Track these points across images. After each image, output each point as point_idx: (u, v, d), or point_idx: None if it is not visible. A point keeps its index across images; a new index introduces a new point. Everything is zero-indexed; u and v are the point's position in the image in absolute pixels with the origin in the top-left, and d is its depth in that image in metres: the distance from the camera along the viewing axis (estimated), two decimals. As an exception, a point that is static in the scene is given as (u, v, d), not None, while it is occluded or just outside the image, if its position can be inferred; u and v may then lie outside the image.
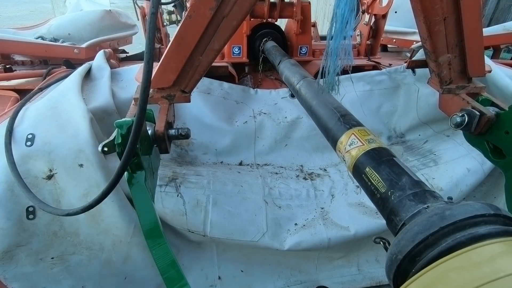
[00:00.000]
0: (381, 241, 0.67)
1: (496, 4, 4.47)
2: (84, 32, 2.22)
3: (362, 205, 1.49)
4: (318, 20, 5.68)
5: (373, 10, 2.10)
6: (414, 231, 0.50)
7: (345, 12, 0.75)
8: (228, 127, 1.67)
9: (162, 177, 1.37)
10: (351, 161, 0.79)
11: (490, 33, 2.16)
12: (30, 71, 1.89)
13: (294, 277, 1.47)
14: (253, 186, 1.50)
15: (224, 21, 0.89)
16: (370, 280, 1.51)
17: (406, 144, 1.82)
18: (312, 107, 1.08)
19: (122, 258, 1.22)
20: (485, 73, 1.12)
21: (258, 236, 1.33)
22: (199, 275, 1.40)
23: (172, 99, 1.05)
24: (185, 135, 0.95)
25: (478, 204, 0.50)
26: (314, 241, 1.37)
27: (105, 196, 0.68)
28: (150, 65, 0.67)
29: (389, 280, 0.54)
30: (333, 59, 0.86)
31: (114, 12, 2.35)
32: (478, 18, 1.00)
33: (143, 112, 0.63)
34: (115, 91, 1.47)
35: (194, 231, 1.30)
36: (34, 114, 1.19)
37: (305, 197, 1.54)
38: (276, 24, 2.02)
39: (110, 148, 0.77)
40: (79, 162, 1.12)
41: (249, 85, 1.87)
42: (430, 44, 1.04)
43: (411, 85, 1.80)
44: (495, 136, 1.00)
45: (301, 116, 1.72)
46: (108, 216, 1.17)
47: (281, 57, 1.59)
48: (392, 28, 2.61)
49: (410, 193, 0.62)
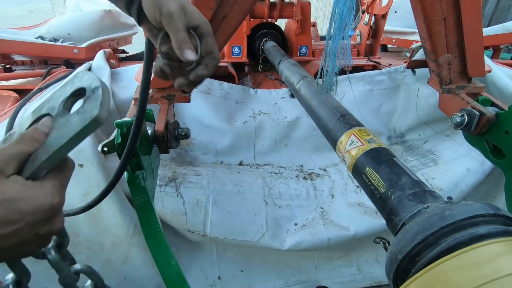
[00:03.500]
0: (381, 241, 0.67)
1: (496, 4, 4.47)
2: (84, 32, 2.22)
3: (362, 205, 1.49)
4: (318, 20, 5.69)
5: (373, 10, 2.10)
6: (414, 231, 0.50)
7: (344, 12, 0.75)
8: (228, 127, 1.67)
9: (162, 177, 1.36)
10: (351, 161, 0.79)
11: (490, 33, 2.16)
12: (30, 71, 1.89)
13: (294, 277, 1.47)
14: (253, 186, 1.50)
15: (224, 21, 0.89)
16: (370, 280, 1.51)
17: (406, 144, 1.82)
18: (312, 107, 1.08)
19: (122, 258, 1.22)
20: (485, 73, 1.12)
21: (258, 236, 1.33)
22: (199, 275, 1.40)
23: (172, 99, 1.05)
24: (185, 135, 0.95)
25: (478, 204, 0.50)
26: (314, 241, 1.37)
27: (104, 196, 0.68)
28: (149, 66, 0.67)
29: (389, 280, 0.54)
30: (331, 59, 0.86)
31: (114, 12, 2.34)
32: (478, 18, 1.00)
33: (143, 112, 0.62)
34: (115, 91, 1.47)
35: (194, 231, 1.30)
36: (34, 114, 1.19)
37: (305, 197, 1.54)
38: (276, 24, 2.03)
39: (110, 148, 0.77)
40: (79, 162, 1.12)
41: (249, 85, 1.87)
42: (430, 44, 1.04)
43: (411, 85, 1.80)
44: (495, 136, 1.00)
45: (301, 116, 1.72)
46: (108, 216, 1.17)
47: (281, 57, 1.59)
48: (392, 28, 2.61)
49: (410, 193, 0.62)
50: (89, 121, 0.37)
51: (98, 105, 0.37)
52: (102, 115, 0.37)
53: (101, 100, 0.37)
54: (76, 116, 0.38)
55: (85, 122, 0.37)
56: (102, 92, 0.38)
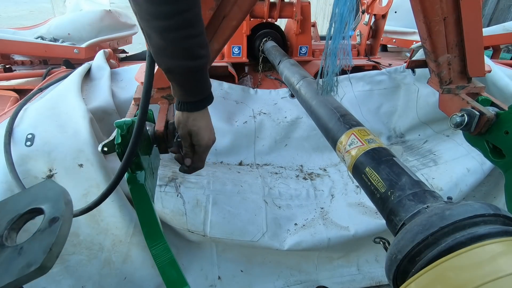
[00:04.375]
0: (381, 241, 0.67)
1: (496, 4, 4.47)
2: (84, 32, 2.22)
3: (361, 205, 1.49)
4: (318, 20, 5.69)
5: (373, 10, 2.10)
6: (413, 231, 0.50)
7: (344, 12, 0.75)
8: (228, 127, 1.67)
9: (162, 177, 1.36)
10: (351, 161, 0.79)
11: (490, 33, 2.16)
12: (30, 71, 1.89)
13: (293, 277, 1.47)
14: (253, 186, 1.50)
15: (223, 21, 0.89)
16: (370, 280, 1.51)
17: (406, 144, 1.82)
18: (312, 107, 1.08)
19: (122, 258, 1.22)
20: (485, 73, 1.12)
21: (258, 236, 1.33)
22: (199, 275, 1.40)
23: (172, 99, 1.05)
24: None
25: (478, 204, 0.50)
26: (314, 241, 1.37)
27: (104, 198, 0.68)
28: (152, 68, 0.68)
29: (389, 280, 0.54)
30: (332, 59, 0.86)
31: (114, 12, 2.34)
32: (478, 18, 1.00)
33: (145, 114, 0.63)
34: (114, 91, 1.47)
35: (194, 231, 1.30)
36: (34, 114, 1.19)
37: (305, 197, 1.54)
38: (276, 24, 2.03)
39: (110, 148, 0.77)
40: (79, 162, 1.12)
41: (249, 85, 1.86)
42: (430, 44, 1.04)
43: (411, 85, 1.80)
44: (495, 136, 1.00)
45: (301, 116, 1.72)
46: (108, 216, 1.17)
47: (281, 57, 1.59)
48: (392, 28, 2.61)
49: (409, 193, 0.62)
50: (27, 272, 0.28)
51: (47, 251, 0.28)
52: (48, 264, 0.29)
53: (52, 242, 0.29)
54: (17, 254, 0.29)
55: (22, 272, 0.28)
56: (59, 229, 0.29)
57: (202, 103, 0.76)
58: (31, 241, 0.30)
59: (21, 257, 0.29)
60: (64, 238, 0.31)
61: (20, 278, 0.29)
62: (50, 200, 0.31)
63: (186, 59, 0.64)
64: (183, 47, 0.62)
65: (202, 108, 0.76)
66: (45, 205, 0.31)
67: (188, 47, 0.63)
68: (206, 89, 0.75)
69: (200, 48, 0.65)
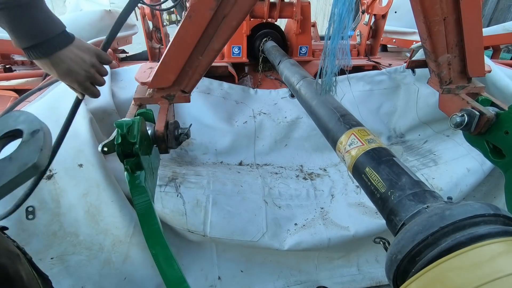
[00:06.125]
0: (381, 241, 0.67)
1: (496, 4, 4.47)
2: (84, 32, 2.22)
3: (362, 205, 1.49)
4: (318, 20, 5.68)
5: (372, 10, 2.10)
6: (414, 231, 0.50)
7: (343, 12, 0.75)
8: (228, 127, 1.67)
9: (162, 177, 1.36)
10: (351, 161, 0.79)
11: (490, 33, 2.16)
12: (30, 71, 1.89)
13: (294, 277, 1.47)
14: (253, 186, 1.50)
15: (224, 21, 0.88)
16: (370, 280, 1.51)
17: (406, 144, 1.82)
18: (312, 107, 1.08)
19: (122, 258, 1.22)
20: (485, 73, 1.12)
21: (258, 236, 1.33)
22: (199, 275, 1.39)
23: (172, 99, 1.05)
24: (186, 134, 0.95)
25: (478, 204, 0.50)
26: (314, 241, 1.37)
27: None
28: None
29: (389, 280, 0.54)
30: (331, 59, 0.86)
31: (114, 12, 2.35)
32: (478, 18, 1.00)
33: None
34: (114, 91, 1.47)
35: (194, 231, 1.30)
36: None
37: (305, 197, 1.54)
38: (276, 24, 2.02)
39: (110, 148, 0.77)
40: (78, 162, 1.12)
41: (249, 85, 1.86)
42: (430, 44, 1.04)
43: (411, 85, 1.80)
44: (495, 136, 0.99)
45: (301, 116, 1.72)
46: (108, 216, 1.17)
47: (281, 57, 1.59)
48: (392, 28, 2.61)
49: (410, 193, 0.62)
50: (24, 168, 0.32)
51: (38, 151, 0.32)
52: (42, 162, 0.32)
53: (41, 145, 0.33)
54: (8, 162, 0.32)
55: (19, 169, 0.32)
56: (43, 136, 0.33)
57: (51, 44, 0.65)
58: (18, 150, 0.33)
59: (14, 162, 0.32)
60: (50, 144, 0.33)
61: (20, 175, 0.32)
62: (25, 122, 0.34)
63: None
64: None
65: (54, 49, 0.66)
66: (21, 126, 0.33)
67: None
68: (46, 28, 0.64)
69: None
